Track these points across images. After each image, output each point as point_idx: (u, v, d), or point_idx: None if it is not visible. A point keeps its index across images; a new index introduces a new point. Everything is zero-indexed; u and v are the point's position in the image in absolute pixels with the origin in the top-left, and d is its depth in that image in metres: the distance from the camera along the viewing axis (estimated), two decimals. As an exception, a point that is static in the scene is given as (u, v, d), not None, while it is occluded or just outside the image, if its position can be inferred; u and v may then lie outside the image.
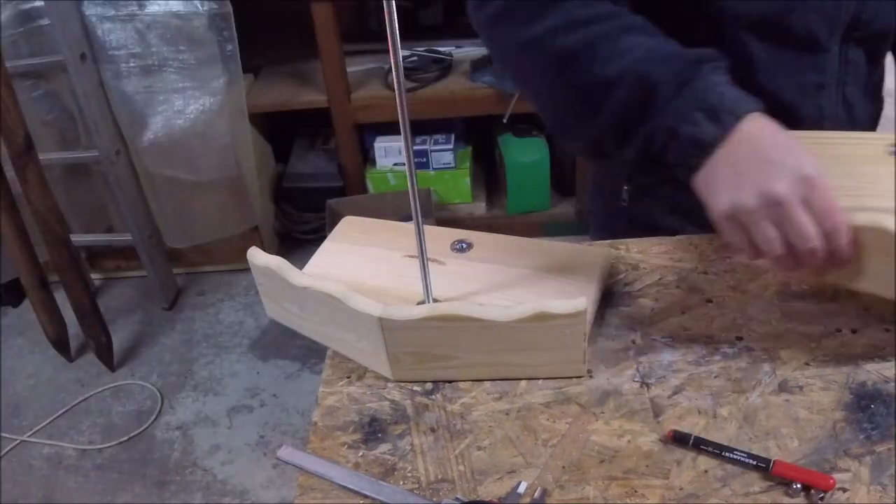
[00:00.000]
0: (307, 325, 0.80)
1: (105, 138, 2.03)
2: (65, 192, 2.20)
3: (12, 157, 1.80)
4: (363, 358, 0.76)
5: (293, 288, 0.76)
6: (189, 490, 1.80)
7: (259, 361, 2.13)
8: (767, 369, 0.72)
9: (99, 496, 1.80)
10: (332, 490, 0.65)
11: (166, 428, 1.96)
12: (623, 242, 0.90)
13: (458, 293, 0.77)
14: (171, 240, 2.31)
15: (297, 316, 0.80)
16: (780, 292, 0.81)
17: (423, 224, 0.71)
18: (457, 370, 0.73)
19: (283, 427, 1.93)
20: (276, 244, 2.52)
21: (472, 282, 0.79)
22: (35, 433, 1.97)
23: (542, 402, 0.71)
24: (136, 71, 1.99)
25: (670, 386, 0.71)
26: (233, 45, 2.02)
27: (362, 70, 2.35)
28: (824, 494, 0.60)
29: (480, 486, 0.64)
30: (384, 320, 0.69)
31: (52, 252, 1.93)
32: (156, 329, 2.28)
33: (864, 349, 0.73)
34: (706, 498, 0.61)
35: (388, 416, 0.71)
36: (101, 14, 1.93)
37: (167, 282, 2.34)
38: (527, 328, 0.69)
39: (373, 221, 0.90)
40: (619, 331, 0.78)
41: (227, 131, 2.13)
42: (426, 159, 2.37)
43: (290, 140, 2.56)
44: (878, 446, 0.64)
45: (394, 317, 0.69)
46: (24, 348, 2.25)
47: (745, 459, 0.63)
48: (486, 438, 0.68)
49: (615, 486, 0.63)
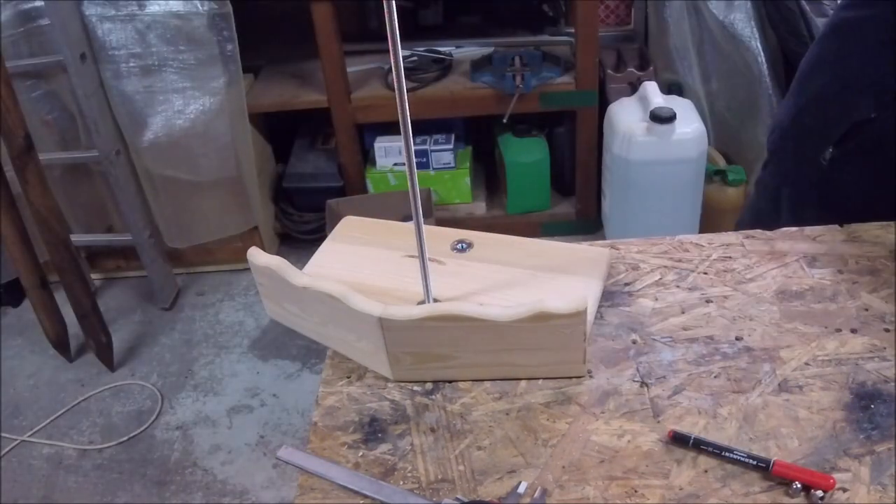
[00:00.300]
0: (307, 325, 0.80)
1: (105, 138, 2.03)
2: (65, 192, 2.20)
3: (12, 157, 1.80)
4: (363, 358, 0.76)
5: (293, 288, 0.76)
6: (189, 490, 1.80)
7: (259, 361, 2.13)
8: (767, 369, 0.72)
9: (99, 496, 1.80)
10: (332, 490, 0.65)
11: (166, 428, 1.96)
12: (623, 242, 0.90)
13: (458, 293, 0.77)
14: (171, 240, 2.31)
15: (297, 316, 0.80)
16: (780, 292, 0.81)
17: (423, 224, 0.71)
18: (457, 370, 0.73)
19: (283, 427, 1.93)
20: (276, 244, 2.52)
21: (472, 282, 0.79)
22: (35, 433, 1.97)
23: (542, 402, 0.71)
24: (136, 71, 1.99)
25: (670, 386, 0.71)
26: (233, 45, 2.02)
27: (362, 70, 2.35)
28: (824, 494, 0.60)
29: (480, 486, 0.64)
30: (384, 320, 0.69)
31: (52, 252, 1.93)
32: (156, 329, 2.28)
33: (864, 349, 0.73)
34: (706, 498, 0.61)
35: (388, 416, 0.71)
36: (101, 14, 1.93)
37: (167, 282, 2.34)
38: (527, 328, 0.69)
39: (373, 221, 0.90)
40: (619, 331, 0.78)
41: (227, 131, 2.13)
42: (426, 159, 2.37)
43: (290, 140, 2.56)
44: (878, 446, 0.64)
45: (394, 317, 0.69)
46: (24, 348, 2.25)
47: (745, 459, 0.63)
48: (486, 438, 0.68)
49: (615, 486, 0.63)
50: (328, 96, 2.23)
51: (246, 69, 2.16)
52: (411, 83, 2.23)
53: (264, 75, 2.42)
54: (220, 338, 2.23)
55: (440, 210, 2.44)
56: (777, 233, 0.89)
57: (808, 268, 0.83)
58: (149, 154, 2.10)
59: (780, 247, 0.87)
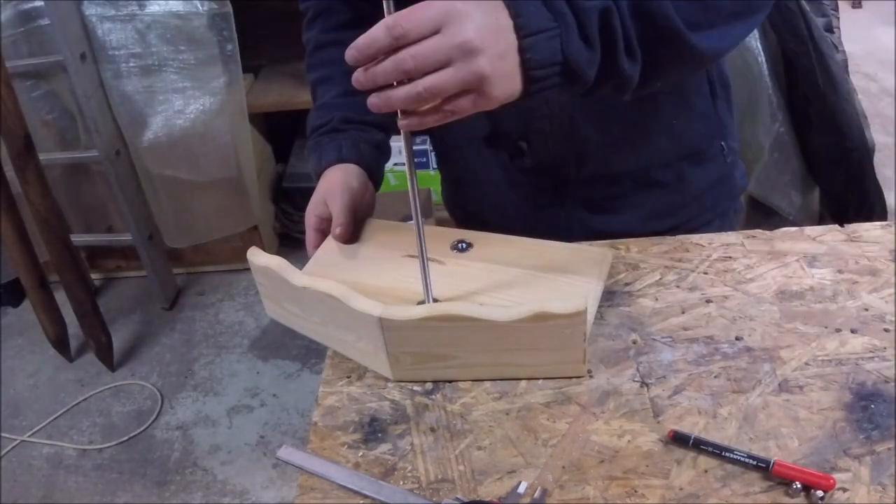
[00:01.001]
0: (307, 325, 0.80)
1: (105, 138, 2.03)
2: (65, 192, 2.20)
3: (12, 157, 1.80)
4: (363, 358, 0.76)
5: (293, 288, 0.76)
6: (189, 490, 1.80)
7: (259, 361, 2.13)
8: (767, 369, 0.72)
9: (99, 496, 1.80)
10: (332, 490, 0.65)
11: (166, 428, 1.96)
12: (623, 242, 0.90)
13: (458, 293, 0.77)
14: (171, 240, 2.31)
15: (297, 316, 0.80)
16: (780, 292, 0.81)
17: (423, 224, 0.71)
18: (457, 370, 0.73)
19: (283, 427, 1.93)
20: (276, 244, 2.52)
21: (472, 282, 0.78)
22: (35, 433, 1.97)
23: (542, 402, 0.71)
24: (136, 71, 1.99)
25: (670, 386, 0.71)
26: (233, 45, 2.02)
27: (362, 70, 2.35)
28: (824, 494, 0.60)
29: (480, 486, 0.64)
30: (384, 320, 0.69)
31: (52, 252, 1.93)
32: (156, 329, 2.28)
33: (864, 349, 0.73)
34: (706, 498, 0.61)
35: (388, 416, 0.71)
36: (101, 14, 1.93)
37: (167, 282, 2.34)
38: (527, 328, 0.69)
39: (373, 221, 0.90)
40: (619, 331, 0.78)
41: (227, 131, 2.13)
42: (426, 159, 2.37)
43: (290, 140, 2.56)
44: (878, 446, 0.64)
45: (394, 317, 0.69)
46: (24, 348, 2.26)
47: (745, 459, 0.63)
48: (486, 438, 0.68)
49: (615, 486, 0.63)
50: (328, 96, 2.23)
51: (246, 69, 2.16)
52: (411, 83, 2.23)
53: (264, 75, 2.42)
54: (220, 338, 2.23)
55: (440, 210, 2.44)
56: (777, 233, 0.89)
57: (808, 268, 0.83)
58: (149, 154, 2.10)
59: (780, 247, 0.87)
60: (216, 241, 2.35)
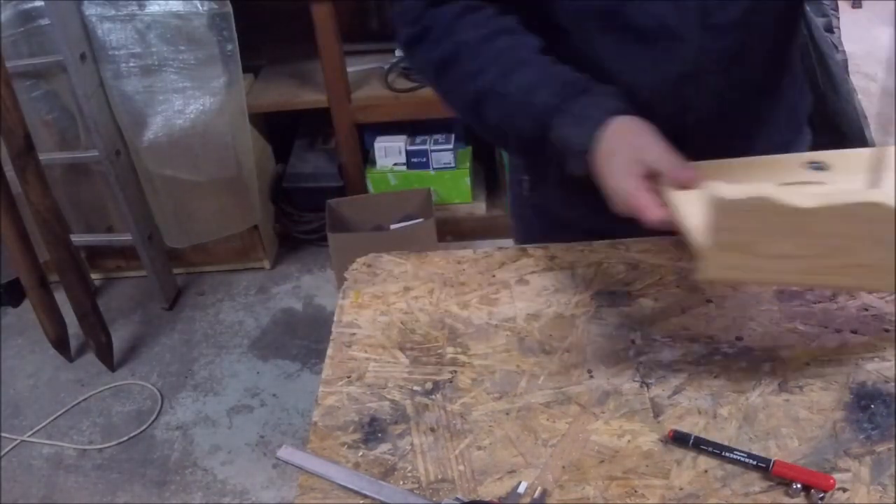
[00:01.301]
0: (795, 266, 0.65)
1: (105, 138, 2.03)
2: (65, 192, 2.20)
3: (12, 157, 1.80)
4: (878, 279, 0.65)
5: (794, 214, 0.60)
6: (189, 490, 1.80)
7: (259, 361, 2.13)
8: (767, 369, 0.72)
9: (99, 496, 1.80)
10: (332, 490, 0.65)
11: (166, 428, 1.96)
12: (623, 242, 0.90)
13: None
14: (171, 240, 2.30)
15: (785, 258, 0.64)
16: (780, 292, 0.81)
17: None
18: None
19: (283, 427, 1.93)
20: (276, 244, 2.52)
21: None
22: (35, 433, 1.97)
23: (542, 402, 0.71)
24: (136, 71, 1.99)
25: (670, 386, 0.71)
26: (233, 45, 2.02)
27: (362, 70, 2.35)
28: (824, 494, 0.60)
29: (480, 486, 0.64)
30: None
31: (52, 252, 1.93)
32: (156, 329, 2.28)
33: (864, 349, 0.73)
34: (706, 498, 0.61)
35: (388, 416, 0.71)
36: (101, 14, 1.93)
37: (167, 282, 2.34)
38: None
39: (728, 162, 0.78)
40: (619, 331, 0.78)
41: (227, 131, 2.13)
42: (426, 159, 2.37)
43: (290, 140, 2.56)
44: (878, 446, 0.64)
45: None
46: (24, 348, 2.25)
47: (745, 459, 0.63)
48: (486, 438, 0.68)
49: (615, 486, 0.63)
50: (328, 96, 2.23)
51: (246, 69, 2.16)
52: (411, 83, 2.23)
53: (264, 75, 2.42)
54: (220, 338, 2.23)
55: (440, 210, 2.44)
56: (777, 233, 0.89)
57: (808, 268, 0.83)
58: (149, 154, 2.10)
59: (780, 247, 0.87)
60: (216, 241, 2.35)
